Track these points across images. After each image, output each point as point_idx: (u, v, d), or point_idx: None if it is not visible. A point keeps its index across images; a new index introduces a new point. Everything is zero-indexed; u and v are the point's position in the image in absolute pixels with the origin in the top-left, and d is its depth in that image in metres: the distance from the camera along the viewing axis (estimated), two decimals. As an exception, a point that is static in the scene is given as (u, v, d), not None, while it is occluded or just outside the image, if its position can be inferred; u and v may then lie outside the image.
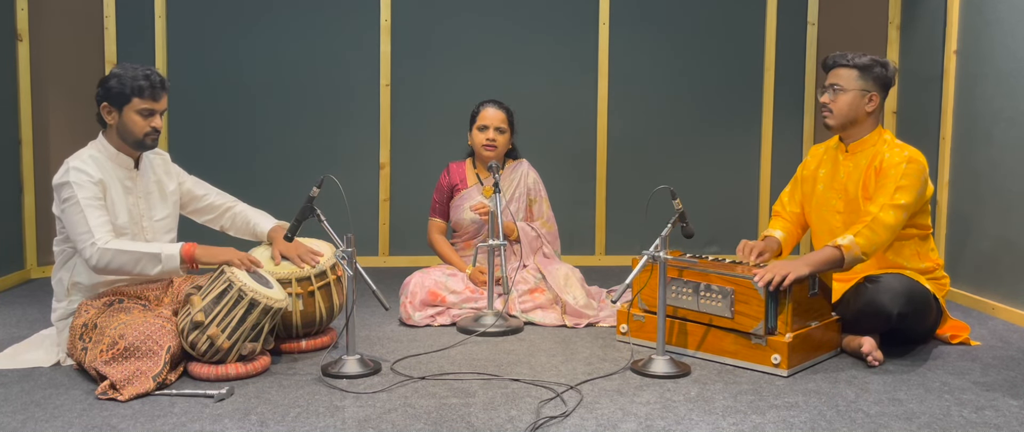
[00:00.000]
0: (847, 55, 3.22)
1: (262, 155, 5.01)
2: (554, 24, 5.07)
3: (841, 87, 3.18)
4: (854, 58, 3.20)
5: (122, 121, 2.94)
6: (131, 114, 2.92)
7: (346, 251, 2.90)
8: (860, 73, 3.17)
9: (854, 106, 3.18)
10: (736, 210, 5.23)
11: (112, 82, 2.92)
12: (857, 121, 3.20)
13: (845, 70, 3.19)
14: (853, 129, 3.23)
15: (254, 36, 4.94)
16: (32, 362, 3.00)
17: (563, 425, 2.43)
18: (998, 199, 3.91)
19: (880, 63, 3.20)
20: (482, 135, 3.81)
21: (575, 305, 3.60)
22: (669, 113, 5.17)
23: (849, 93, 3.17)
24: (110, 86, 2.92)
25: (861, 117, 3.20)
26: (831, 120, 3.23)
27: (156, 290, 3.07)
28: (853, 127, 3.22)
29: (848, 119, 3.20)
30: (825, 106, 3.23)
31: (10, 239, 4.55)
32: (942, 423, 2.48)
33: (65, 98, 4.73)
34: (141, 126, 2.94)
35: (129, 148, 3.00)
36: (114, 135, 2.98)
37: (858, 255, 3.02)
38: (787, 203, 3.51)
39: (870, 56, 3.21)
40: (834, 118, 3.21)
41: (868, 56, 3.21)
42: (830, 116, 3.22)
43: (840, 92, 3.18)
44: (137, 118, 2.93)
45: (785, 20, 5.14)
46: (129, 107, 2.92)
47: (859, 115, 3.19)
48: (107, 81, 2.94)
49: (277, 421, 2.45)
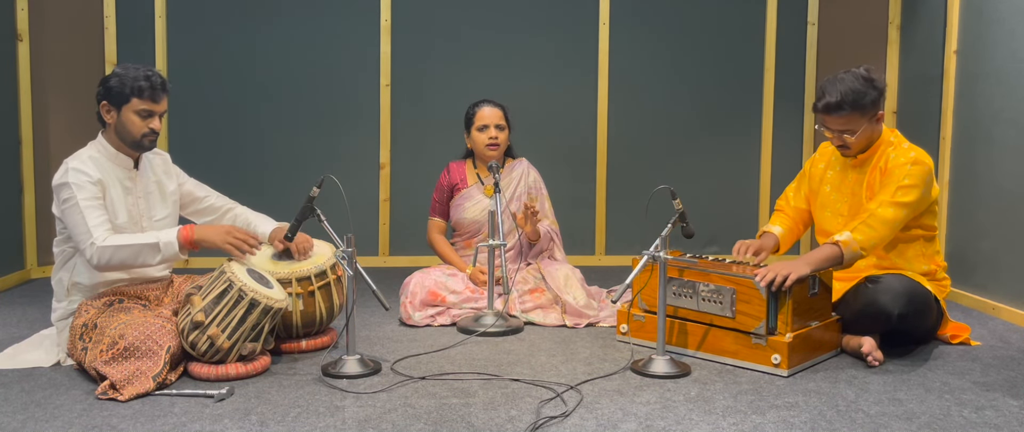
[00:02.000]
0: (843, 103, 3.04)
1: (262, 155, 5.00)
2: (554, 24, 5.07)
3: (851, 130, 3.11)
4: (848, 101, 3.04)
5: (120, 121, 2.93)
6: (129, 114, 2.92)
7: (346, 251, 2.89)
8: (862, 112, 3.08)
9: (867, 137, 3.14)
10: (736, 210, 5.23)
11: (112, 81, 2.92)
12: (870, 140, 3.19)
13: (846, 117, 3.07)
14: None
15: (254, 36, 4.94)
16: (32, 362, 3.00)
17: (563, 425, 2.43)
18: (998, 199, 3.91)
19: (867, 84, 3.06)
20: (483, 135, 3.81)
21: (575, 305, 3.60)
22: (669, 113, 5.17)
23: (859, 132, 3.11)
24: (110, 85, 2.92)
25: (874, 136, 3.19)
26: (848, 154, 3.19)
27: (156, 290, 3.07)
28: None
29: (866, 147, 3.18)
30: (840, 146, 3.15)
31: (10, 239, 4.55)
32: (942, 423, 2.47)
33: (65, 98, 4.73)
34: (139, 127, 2.93)
35: (128, 148, 3.00)
36: (113, 135, 2.98)
37: (856, 251, 3.02)
38: (792, 198, 3.50)
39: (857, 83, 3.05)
40: (853, 152, 3.18)
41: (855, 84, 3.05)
42: (849, 152, 3.17)
43: (851, 134, 3.12)
44: (135, 119, 2.92)
45: (785, 20, 5.14)
46: (128, 107, 2.91)
47: (874, 137, 3.17)
48: (108, 80, 2.94)
49: (277, 421, 2.45)
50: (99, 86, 2.96)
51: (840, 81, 3.08)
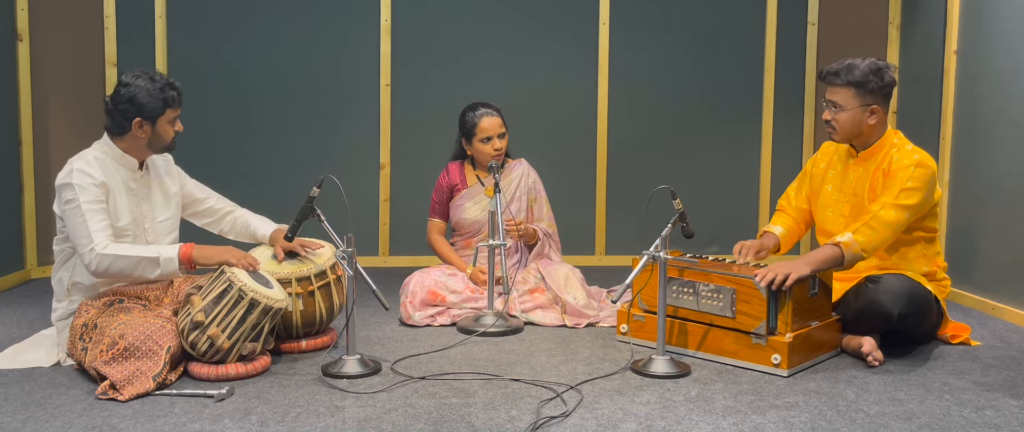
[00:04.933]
0: (842, 71, 3.12)
1: (262, 155, 5.00)
2: (554, 24, 5.07)
3: (840, 106, 3.14)
4: (849, 74, 3.11)
5: (155, 133, 2.98)
6: (164, 125, 2.99)
7: (346, 251, 2.90)
8: (857, 90, 3.11)
9: (855, 122, 3.15)
10: (736, 210, 5.22)
11: (142, 97, 2.91)
12: (862, 133, 3.19)
13: (841, 89, 3.13)
14: (861, 139, 3.21)
15: (254, 36, 4.94)
16: (32, 362, 3.00)
17: (563, 425, 2.43)
18: (998, 199, 3.91)
19: (875, 73, 3.10)
20: (487, 146, 3.78)
21: (575, 305, 3.60)
22: (669, 113, 5.16)
23: (849, 111, 3.13)
24: (142, 102, 2.91)
25: (865, 130, 3.18)
26: (836, 136, 3.21)
27: (156, 290, 3.07)
28: (860, 137, 3.21)
29: (852, 134, 3.18)
30: (828, 122, 3.19)
31: (10, 239, 4.54)
32: (942, 423, 2.47)
33: (65, 98, 4.73)
34: (170, 133, 3.03)
35: (142, 152, 3.02)
36: (136, 143, 2.98)
37: (857, 252, 3.02)
38: (793, 198, 3.50)
39: (865, 66, 3.11)
40: (838, 134, 3.19)
41: (863, 66, 3.11)
42: (835, 132, 3.20)
43: (840, 111, 3.15)
44: (168, 127, 3.01)
45: (785, 20, 5.14)
46: (162, 119, 2.97)
47: (863, 129, 3.16)
48: (135, 97, 2.90)
49: (277, 421, 2.45)
50: (120, 102, 2.91)
51: (851, 60, 3.17)
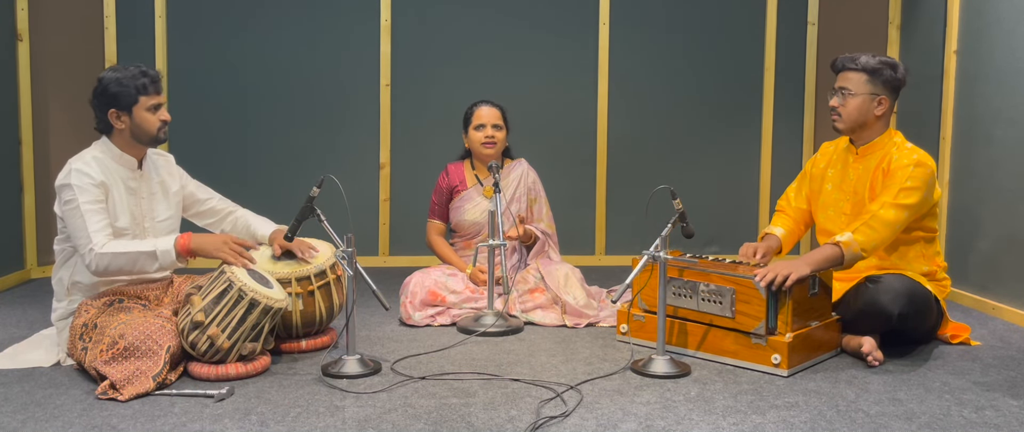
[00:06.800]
0: (856, 58, 3.17)
1: (262, 155, 5.01)
2: (554, 24, 5.07)
3: (850, 91, 3.16)
4: (863, 61, 3.15)
5: (134, 122, 2.96)
6: (142, 113, 2.95)
7: (346, 251, 2.90)
8: (869, 77, 3.14)
9: (863, 110, 3.16)
10: (736, 210, 5.23)
11: (112, 87, 2.93)
12: (866, 125, 3.19)
13: (854, 74, 3.16)
14: (863, 132, 3.22)
15: (254, 36, 4.94)
16: (32, 362, 3.00)
17: (563, 425, 2.43)
18: (998, 199, 3.91)
19: (890, 65, 3.15)
20: (479, 133, 3.81)
21: (575, 305, 3.60)
22: (669, 113, 5.17)
23: (858, 97, 3.15)
24: (113, 92, 2.93)
25: (870, 121, 3.18)
26: (840, 124, 3.21)
27: (156, 290, 3.07)
28: (862, 130, 3.21)
29: (857, 123, 3.19)
30: (834, 109, 3.20)
31: (10, 239, 4.54)
32: (942, 423, 2.47)
33: (65, 98, 4.73)
34: (152, 122, 2.98)
35: (136, 148, 3.02)
36: (124, 138, 2.99)
37: (857, 252, 3.02)
38: (793, 199, 3.50)
39: (880, 58, 3.17)
40: (843, 122, 3.20)
41: (878, 58, 3.16)
42: (839, 120, 3.20)
43: (849, 96, 3.16)
44: (148, 115, 2.97)
45: (785, 20, 5.14)
46: (138, 107, 2.95)
47: (868, 119, 3.18)
48: (107, 88, 2.93)
49: (277, 421, 2.45)
50: (96, 97, 2.96)
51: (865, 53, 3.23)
